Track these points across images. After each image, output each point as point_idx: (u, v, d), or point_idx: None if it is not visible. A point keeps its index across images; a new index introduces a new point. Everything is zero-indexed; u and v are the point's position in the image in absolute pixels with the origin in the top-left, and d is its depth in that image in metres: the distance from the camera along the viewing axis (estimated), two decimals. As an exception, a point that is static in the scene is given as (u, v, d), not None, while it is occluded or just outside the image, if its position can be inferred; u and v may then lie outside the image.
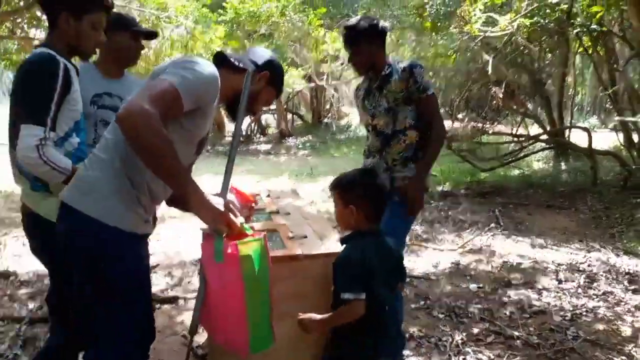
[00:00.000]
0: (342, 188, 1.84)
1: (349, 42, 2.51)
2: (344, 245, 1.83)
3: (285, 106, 19.35)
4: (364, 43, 2.47)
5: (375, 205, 1.83)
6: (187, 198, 1.44)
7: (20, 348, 2.83)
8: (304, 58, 9.84)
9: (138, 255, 1.56)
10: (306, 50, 9.54)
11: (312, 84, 13.26)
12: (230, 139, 18.48)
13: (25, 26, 6.97)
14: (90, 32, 1.85)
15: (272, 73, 1.73)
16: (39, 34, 6.96)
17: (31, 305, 3.42)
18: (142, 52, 2.46)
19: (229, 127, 20.22)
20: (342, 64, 10.27)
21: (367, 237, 1.79)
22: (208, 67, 1.50)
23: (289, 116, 20.63)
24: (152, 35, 2.51)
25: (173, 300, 3.57)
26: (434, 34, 5.57)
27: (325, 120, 19.57)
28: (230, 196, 1.72)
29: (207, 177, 9.57)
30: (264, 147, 16.72)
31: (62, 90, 1.73)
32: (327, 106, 20.34)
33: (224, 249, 1.48)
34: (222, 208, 1.48)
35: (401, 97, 2.44)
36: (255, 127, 19.98)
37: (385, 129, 2.50)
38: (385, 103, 2.48)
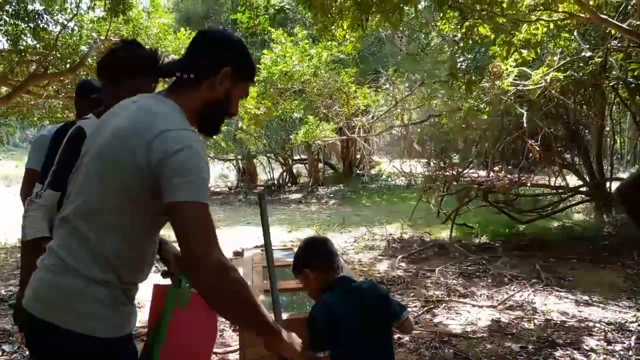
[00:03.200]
0: (294, 267, 1.95)
1: None
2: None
3: (316, 156, 19.60)
4: None
5: (322, 257, 1.91)
6: (263, 334, 1.38)
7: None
8: (335, 112, 10.06)
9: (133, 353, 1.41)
10: (338, 106, 9.77)
11: (344, 137, 13.49)
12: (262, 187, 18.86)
13: (69, 87, 7.45)
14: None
15: (234, 64, 1.38)
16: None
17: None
18: None
19: (262, 176, 20.57)
20: (372, 117, 10.44)
21: (334, 287, 1.85)
22: (195, 145, 1.23)
23: (320, 166, 20.84)
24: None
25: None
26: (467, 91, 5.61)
27: (357, 170, 19.67)
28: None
29: (238, 229, 9.65)
30: (295, 196, 16.84)
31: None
32: (358, 156, 20.49)
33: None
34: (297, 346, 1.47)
35: None
36: (287, 177, 20.24)
37: None
38: None
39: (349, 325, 1.76)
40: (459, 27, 4.61)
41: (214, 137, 1.60)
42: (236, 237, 8.06)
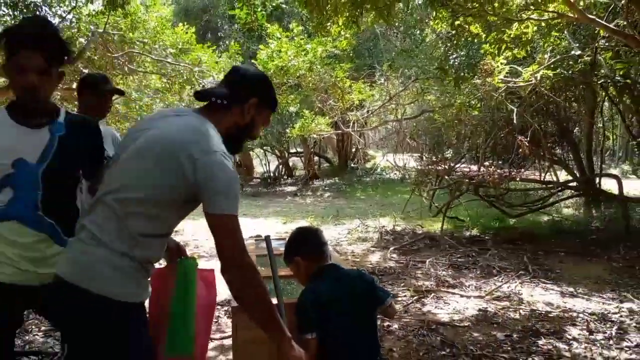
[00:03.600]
0: (285, 256, 2.06)
1: None
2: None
3: (312, 149, 19.70)
4: None
5: (312, 246, 2.01)
6: (273, 338, 1.59)
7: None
8: (330, 107, 10.18)
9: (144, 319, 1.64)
10: (333, 100, 9.88)
11: (339, 132, 13.61)
12: (259, 179, 18.96)
13: (67, 78, 7.52)
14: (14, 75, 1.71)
15: (260, 95, 1.67)
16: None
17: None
18: (177, 100, 2.76)
19: (258, 169, 20.64)
20: (367, 111, 10.57)
21: (323, 274, 1.95)
22: (229, 167, 1.49)
23: (316, 159, 20.95)
24: (119, 92, 2.82)
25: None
26: (455, 86, 5.71)
27: (352, 163, 19.79)
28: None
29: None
30: (291, 188, 16.95)
31: None
32: (353, 150, 20.61)
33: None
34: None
35: None
36: (283, 169, 20.34)
37: None
38: None
39: (339, 315, 1.84)
40: (451, 25, 4.71)
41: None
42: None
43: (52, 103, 1.85)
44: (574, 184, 8.10)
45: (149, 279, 1.61)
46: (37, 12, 6.52)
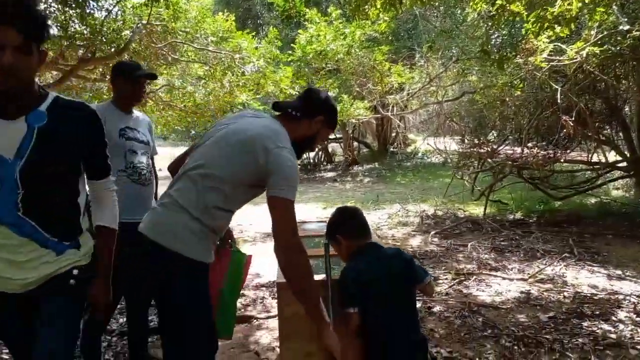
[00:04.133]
0: (327, 234, 2.16)
1: None
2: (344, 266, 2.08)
3: (351, 135, 19.65)
4: None
5: (353, 225, 2.11)
6: (315, 322, 1.81)
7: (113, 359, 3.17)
8: (369, 91, 10.13)
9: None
10: (371, 84, 9.84)
11: (378, 115, 13.50)
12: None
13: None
14: None
15: (326, 115, 1.98)
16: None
17: (121, 320, 3.77)
18: (218, 87, 2.86)
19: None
20: (407, 94, 10.46)
21: (364, 253, 2.03)
22: (294, 162, 1.77)
23: (355, 144, 20.90)
24: (152, 76, 2.85)
25: (247, 319, 3.81)
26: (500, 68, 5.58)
27: (392, 148, 19.63)
28: None
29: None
30: (330, 174, 17.03)
31: None
32: (393, 134, 20.41)
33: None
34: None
35: None
36: (322, 155, 20.42)
37: None
38: None
39: (378, 294, 1.92)
40: (491, 5, 4.60)
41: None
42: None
43: (38, 87, 1.61)
44: (624, 164, 7.80)
45: (213, 247, 1.88)
46: (86, 7, 6.76)
